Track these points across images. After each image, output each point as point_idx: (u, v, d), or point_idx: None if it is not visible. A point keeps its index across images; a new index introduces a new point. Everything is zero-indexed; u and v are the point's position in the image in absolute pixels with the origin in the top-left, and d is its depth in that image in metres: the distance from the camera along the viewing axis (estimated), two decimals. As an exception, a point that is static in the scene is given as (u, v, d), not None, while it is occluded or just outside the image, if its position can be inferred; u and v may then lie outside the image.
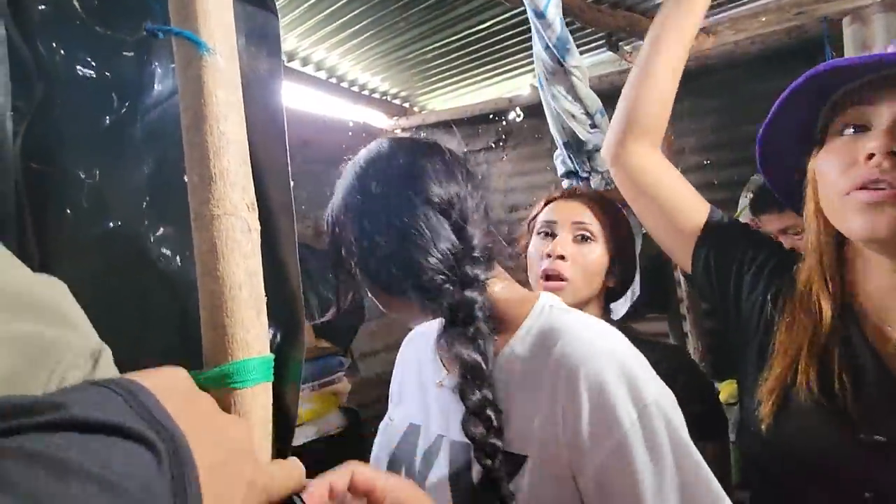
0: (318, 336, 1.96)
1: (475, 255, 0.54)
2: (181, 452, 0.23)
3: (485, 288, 0.55)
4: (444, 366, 0.62)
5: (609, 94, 2.37)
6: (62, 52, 0.79)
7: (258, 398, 0.39)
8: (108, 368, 0.31)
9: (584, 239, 0.91)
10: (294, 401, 0.41)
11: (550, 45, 1.40)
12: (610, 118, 0.87)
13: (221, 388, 0.38)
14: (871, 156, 0.50)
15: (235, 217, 0.39)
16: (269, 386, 0.40)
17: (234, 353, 0.38)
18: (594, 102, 1.57)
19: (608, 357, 0.50)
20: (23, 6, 0.82)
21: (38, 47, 0.82)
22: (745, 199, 2.02)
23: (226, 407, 0.38)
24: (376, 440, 0.67)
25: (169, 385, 0.27)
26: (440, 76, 2.69)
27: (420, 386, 0.64)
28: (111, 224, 0.68)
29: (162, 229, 0.62)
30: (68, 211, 0.76)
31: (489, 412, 0.50)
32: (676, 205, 0.73)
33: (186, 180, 0.40)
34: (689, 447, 0.48)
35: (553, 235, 0.93)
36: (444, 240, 0.53)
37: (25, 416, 0.20)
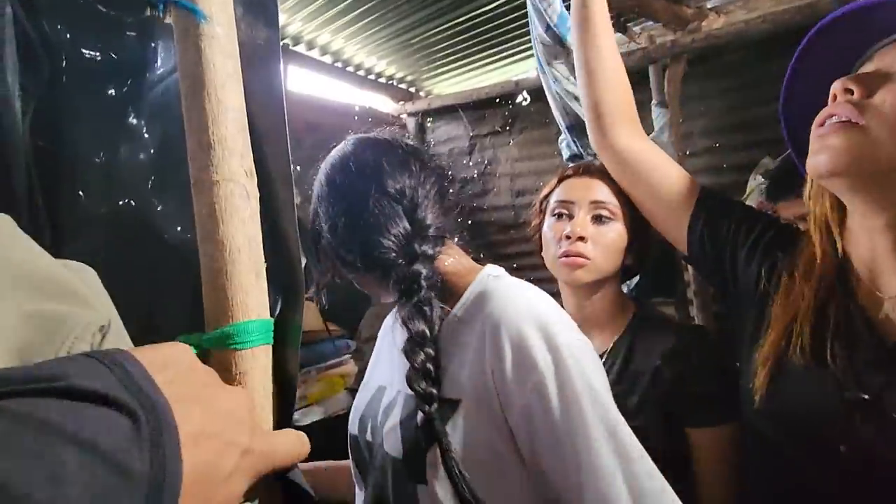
0: (325, 319, 1.99)
1: (425, 234, 0.63)
2: (161, 418, 0.24)
3: (432, 262, 0.63)
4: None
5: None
6: (67, 32, 0.80)
7: (258, 360, 0.40)
8: (116, 342, 0.32)
9: (603, 219, 0.88)
10: (294, 364, 0.42)
11: (552, 24, 1.38)
12: None
13: (223, 350, 0.39)
14: (834, 96, 0.53)
15: (234, 183, 0.40)
16: (270, 349, 0.41)
17: (234, 315, 0.39)
18: None
19: (527, 312, 0.57)
20: (28, -15, 0.83)
21: (45, 28, 0.83)
22: (753, 182, 2.00)
23: (227, 368, 0.39)
24: (357, 395, 0.77)
25: (164, 358, 0.28)
26: (446, 60, 2.67)
27: (389, 351, 0.73)
28: (119, 199, 0.69)
29: (168, 202, 0.63)
30: (77, 187, 0.78)
31: (429, 367, 0.58)
32: (666, 184, 0.74)
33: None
34: (599, 392, 0.55)
35: (570, 216, 0.90)
36: (395, 223, 0.63)
37: (23, 384, 0.22)
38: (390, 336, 0.73)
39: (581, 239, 0.86)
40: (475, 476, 0.54)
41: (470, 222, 3.16)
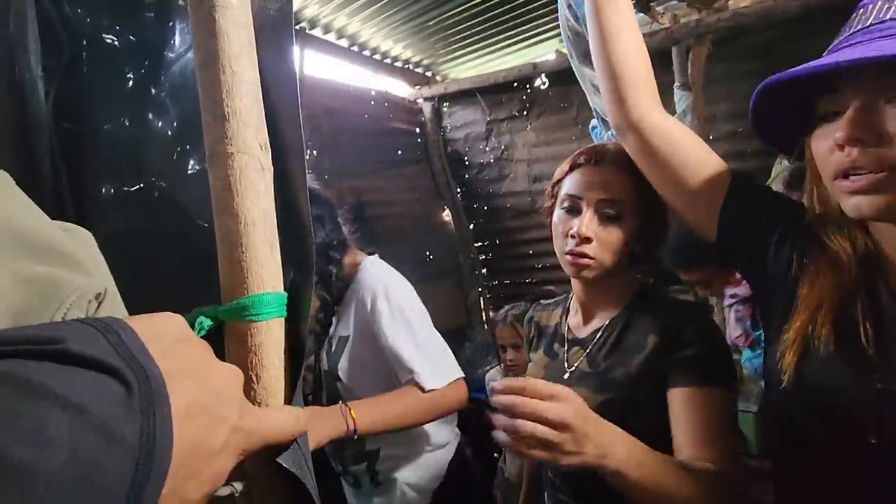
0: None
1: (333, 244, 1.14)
2: (154, 387, 0.24)
3: (339, 262, 1.16)
4: None
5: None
6: (87, 14, 0.81)
7: (272, 332, 0.40)
8: (111, 309, 0.32)
9: (611, 217, 0.85)
10: (304, 337, 0.42)
11: (573, 3, 1.34)
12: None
13: (238, 321, 0.39)
14: (841, 146, 0.52)
15: (249, 155, 0.40)
16: (283, 321, 0.41)
17: (249, 287, 0.39)
18: None
19: (378, 282, 1.12)
20: (48, -33, 0.84)
21: (65, 9, 0.84)
22: (778, 167, 1.94)
23: (242, 339, 0.39)
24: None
25: (159, 329, 0.28)
26: (463, 43, 2.63)
27: None
28: (141, 176, 0.70)
29: (187, 178, 0.64)
30: (98, 165, 0.79)
31: (325, 321, 1.18)
32: (694, 167, 0.69)
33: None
34: (410, 319, 1.11)
35: (578, 211, 0.87)
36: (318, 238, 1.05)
37: (19, 345, 0.22)
38: None
39: (586, 240, 0.84)
40: (362, 370, 1.15)
41: (486, 208, 3.15)
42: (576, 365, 0.89)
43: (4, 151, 0.90)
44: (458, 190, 3.18)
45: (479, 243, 3.23)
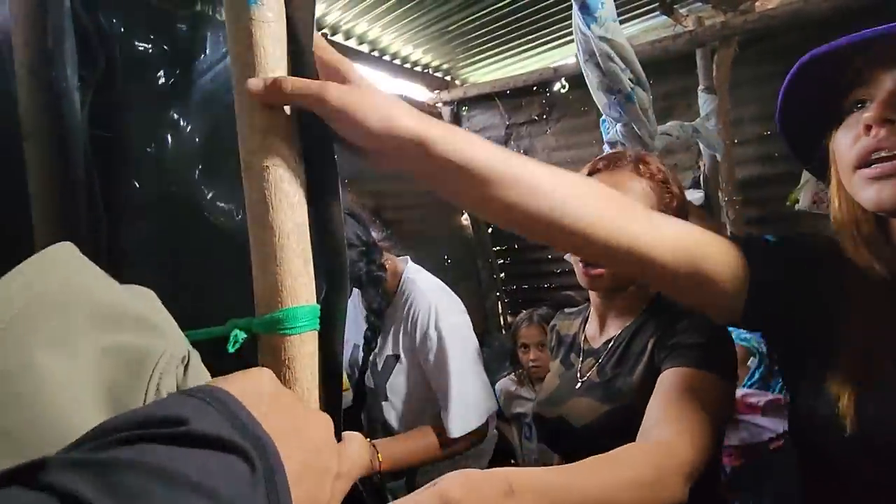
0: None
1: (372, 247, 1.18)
2: (272, 460, 0.25)
3: (384, 267, 1.18)
4: None
5: (662, 62, 2.26)
6: (120, 24, 0.83)
7: (306, 345, 0.40)
8: (197, 373, 0.32)
9: None
10: (340, 349, 0.42)
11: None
12: (655, 91, 0.80)
13: (272, 335, 0.39)
14: (868, 127, 0.50)
15: (284, 168, 0.40)
16: (316, 334, 0.41)
17: (283, 300, 0.39)
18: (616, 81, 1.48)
19: (430, 305, 1.14)
20: (84, -21, 0.86)
21: (99, 19, 0.85)
22: (807, 173, 1.89)
23: (275, 353, 0.39)
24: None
25: (255, 389, 0.29)
26: (482, 47, 2.63)
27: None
28: (171, 185, 0.71)
29: (218, 188, 0.64)
30: (131, 174, 0.81)
31: (371, 337, 1.23)
32: (711, 273, 0.57)
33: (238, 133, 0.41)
34: (471, 351, 1.18)
35: None
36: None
37: (146, 428, 0.22)
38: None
39: None
40: (410, 393, 1.19)
41: (505, 212, 3.13)
42: (587, 375, 0.88)
43: (44, 160, 0.92)
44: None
45: (498, 248, 3.22)
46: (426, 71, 2.87)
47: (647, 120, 1.66)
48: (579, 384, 0.89)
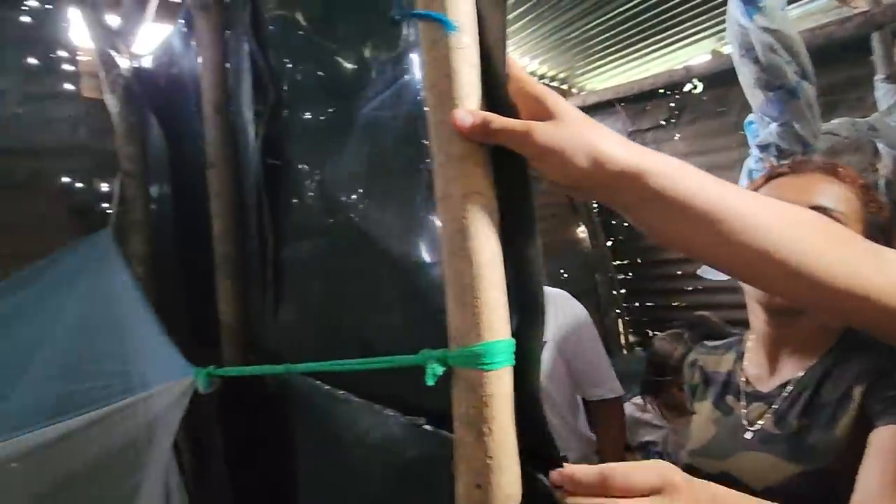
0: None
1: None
2: None
3: None
4: None
5: (825, 51, 1.96)
6: (290, 61, 0.91)
7: (503, 382, 0.38)
8: None
9: None
10: (537, 386, 0.39)
11: None
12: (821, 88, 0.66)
13: (469, 369, 0.38)
14: None
15: (481, 195, 0.39)
16: (511, 371, 0.39)
17: (482, 334, 0.37)
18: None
19: (565, 297, 1.61)
20: (260, 24, 0.96)
21: (270, 58, 0.95)
22: None
23: (473, 388, 0.38)
24: None
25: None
26: (602, 53, 2.52)
27: None
28: (334, 209, 0.76)
29: (381, 213, 0.66)
30: (297, 197, 0.87)
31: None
32: None
33: (431, 162, 0.40)
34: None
35: None
36: None
37: None
38: None
39: None
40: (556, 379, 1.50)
41: (626, 225, 2.95)
42: (759, 424, 0.73)
43: (223, 185, 1.05)
44: (595, 206, 3.03)
45: (618, 261, 3.03)
46: (542, 81, 2.83)
47: (812, 117, 1.45)
48: (750, 434, 0.75)
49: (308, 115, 0.87)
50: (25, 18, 1.52)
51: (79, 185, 1.57)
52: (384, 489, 0.66)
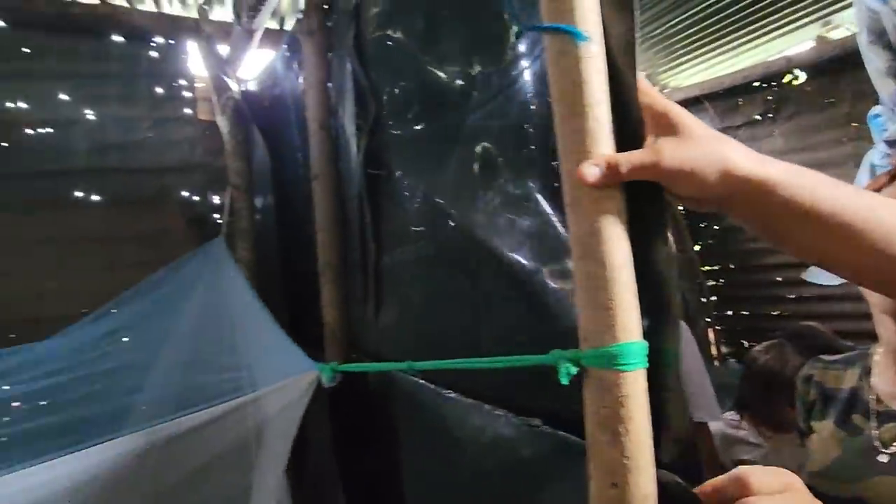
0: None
1: None
2: None
3: None
4: None
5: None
6: (389, 77, 0.96)
7: (638, 384, 0.38)
8: None
9: None
10: (677, 387, 0.39)
11: None
12: None
13: (603, 370, 0.38)
14: None
15: (611, 199, 0.39)
16: (645, 374, 0.39)
17: (616, 335, 0.38)
18: None
19: None
20: (363, 45, 1.02)
21: (371, 75, 1.01)
22: None
23: (607, 389, 0.38)
24: None
25: None
26: (686, 49, 2.40)
27: None
28: (439, 216, 0.79)
29: (482, 220, 0.68)
30: (397, 206, 0.92)
31: None
32: None
33: (559, 167, 0.42)
34: None
35: None
36: None
37: None
38: None
39: None
40: None
41: (717, 227, 2.77)
42: (895, 447, 0.68)
43: (327, 197, 1.13)
44: (682, 209, 2.87)
45: (707, 267, 2.85)
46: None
47: None
48: (887, 458, 0.69)
49: (409, 128, 0.91)
50: (153, 53, 1.73)
51: (195, 198, 1.76)
52: (491, 488, 0.67)
